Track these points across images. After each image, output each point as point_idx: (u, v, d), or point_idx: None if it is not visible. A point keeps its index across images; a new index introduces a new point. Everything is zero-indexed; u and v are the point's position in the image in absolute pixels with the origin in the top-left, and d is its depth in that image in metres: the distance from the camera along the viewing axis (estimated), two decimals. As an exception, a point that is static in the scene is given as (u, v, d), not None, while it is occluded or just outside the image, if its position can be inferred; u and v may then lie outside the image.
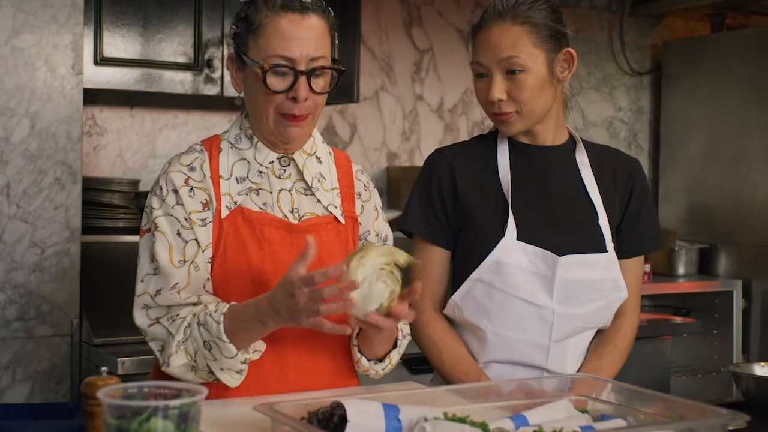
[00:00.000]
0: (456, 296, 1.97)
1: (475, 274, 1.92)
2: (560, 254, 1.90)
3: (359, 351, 1.86)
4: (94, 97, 3.28)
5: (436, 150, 2.07)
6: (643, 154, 4.56)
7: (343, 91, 3.42)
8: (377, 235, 1.95)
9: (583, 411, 1.55)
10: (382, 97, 3.94)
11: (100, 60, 3.00)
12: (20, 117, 2.71)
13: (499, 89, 1.91)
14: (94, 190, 3.09)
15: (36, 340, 2.75)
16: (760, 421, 1.64)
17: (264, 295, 1.69)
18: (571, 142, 2.05)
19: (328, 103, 3.65)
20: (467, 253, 1.97)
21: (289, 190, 1.86)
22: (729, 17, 4.31)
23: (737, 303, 3.98)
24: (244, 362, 1.74)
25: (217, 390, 1.74)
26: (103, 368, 1.52)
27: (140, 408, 1.16)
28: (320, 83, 1.80)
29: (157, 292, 1.77)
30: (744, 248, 4.04)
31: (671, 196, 4.40)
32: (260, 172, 1.85)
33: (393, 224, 3.77)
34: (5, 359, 2.71)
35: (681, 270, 4.08)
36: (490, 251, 1.91)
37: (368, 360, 1.87)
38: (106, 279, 2.88)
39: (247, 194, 1.83)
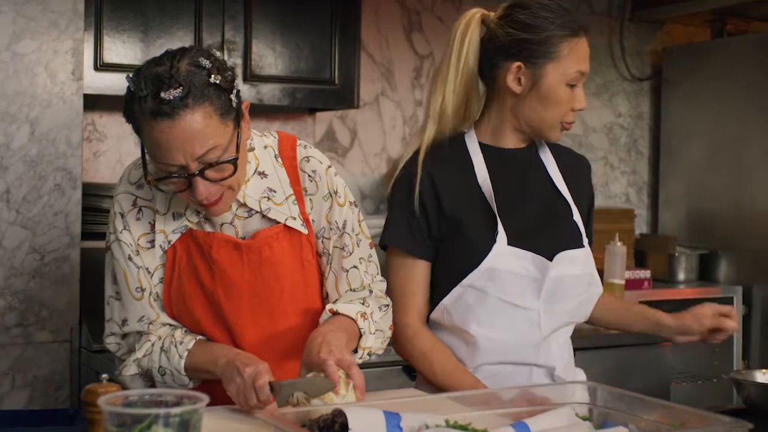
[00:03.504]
0: (446, 301, 1.96)
1: (467, 280, 1.92)
2: (547, 254, 1.93)
3: None
4: (94, 102, 3.28)
5: (410, 160, 1.99)
6: (643, 160, 4.55)
7: (344, 96, 3.42)
8: (332, 227, 1.86)
9: (585, 418, 1.55)
10: (383, 103, 3.94)
11: (101, 66, 3.00)
12: (20, 123, 2.71)
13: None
14: (94, 196, 3.08)
15: (35, 346, 2.74)
16: (762, 428, 1.63)
17: (227, 351, 1.72)
18: (533, 143, 2.07)
19: (328, 109, 3.69)
20: (455, 261, 1.95)
21: (231, 223, 1.81)
22: (729, 23, 4.31)
23: (738, 309, 3.97)
24: (191, 388, 1.78)
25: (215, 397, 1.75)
26: (104, 375, 1.52)
27: (141, 416, 1.16)
28: (218, 172, 1.66)
29: (124, 321, 1.82)
30: (744, 254, 4.03)
31: (671, 202, 4.40)
32: (198, 211, 1.80)
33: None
34: (5, 365, 2.71)
35: (681, 276, 4.08)
36: (482, 258, 1.91)
37: None
38: (105, 285, 2.87)
39: (182, 232, 1.80)
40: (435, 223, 1.96)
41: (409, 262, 1.98)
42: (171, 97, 1.59)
